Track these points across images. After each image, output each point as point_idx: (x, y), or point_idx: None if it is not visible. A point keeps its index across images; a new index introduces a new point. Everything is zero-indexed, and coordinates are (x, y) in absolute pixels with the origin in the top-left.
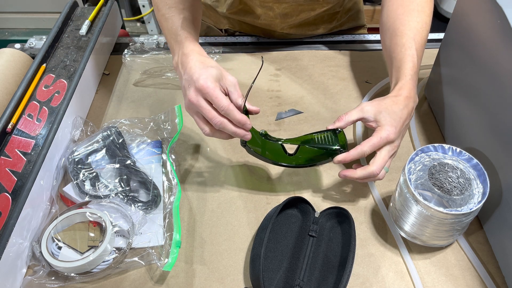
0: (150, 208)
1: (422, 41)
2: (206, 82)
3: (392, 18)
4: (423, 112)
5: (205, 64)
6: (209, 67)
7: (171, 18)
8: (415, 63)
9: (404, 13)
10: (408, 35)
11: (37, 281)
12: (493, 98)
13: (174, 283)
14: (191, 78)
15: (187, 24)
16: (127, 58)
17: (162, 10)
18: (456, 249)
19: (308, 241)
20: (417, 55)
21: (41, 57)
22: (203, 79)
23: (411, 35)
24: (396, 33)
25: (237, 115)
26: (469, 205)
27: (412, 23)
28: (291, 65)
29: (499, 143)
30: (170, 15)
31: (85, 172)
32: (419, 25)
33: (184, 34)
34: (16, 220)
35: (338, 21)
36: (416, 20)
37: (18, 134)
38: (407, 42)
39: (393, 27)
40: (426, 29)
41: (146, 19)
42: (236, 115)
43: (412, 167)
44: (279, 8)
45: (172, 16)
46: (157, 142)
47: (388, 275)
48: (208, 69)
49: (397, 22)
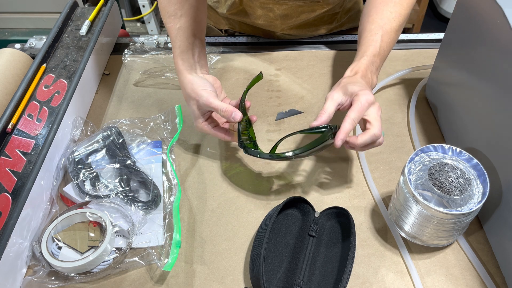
0: (150, 208)
1: (391, 30)
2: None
3: (370, 6)
4: (423, 112)
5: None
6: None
7: (169, 29)
8: (376, 47)
9: (382, 2)
10: (377, 22)
11: (37, 281)
12: (493, 98)
13: (174, 283)
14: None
15: (182, 34)
16: (127, 58)
17: (164, 19)
18: (456, 249)
19: (308, 241)
20: (382, 40)
21: (41, 57)
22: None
23: (380, 23)
24: (368, 20)
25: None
26: (469, 205)
27: (386, 12)
28: (291, 65)
29: (499, 143)
30: (169, 25)
31: (85, 172)
32: (392, 15)
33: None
34: (16, 220)
35: (338, 21)
36: (390, 10)
37: (18, 134)
38: (374, 28)
39: (368, 14)
40: (399, 20)
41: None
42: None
43: (412, 167)
44: (279, 9)
45: (170, 26)
46: (157, 142)
47: (388, 275)
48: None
49: (372, 10)
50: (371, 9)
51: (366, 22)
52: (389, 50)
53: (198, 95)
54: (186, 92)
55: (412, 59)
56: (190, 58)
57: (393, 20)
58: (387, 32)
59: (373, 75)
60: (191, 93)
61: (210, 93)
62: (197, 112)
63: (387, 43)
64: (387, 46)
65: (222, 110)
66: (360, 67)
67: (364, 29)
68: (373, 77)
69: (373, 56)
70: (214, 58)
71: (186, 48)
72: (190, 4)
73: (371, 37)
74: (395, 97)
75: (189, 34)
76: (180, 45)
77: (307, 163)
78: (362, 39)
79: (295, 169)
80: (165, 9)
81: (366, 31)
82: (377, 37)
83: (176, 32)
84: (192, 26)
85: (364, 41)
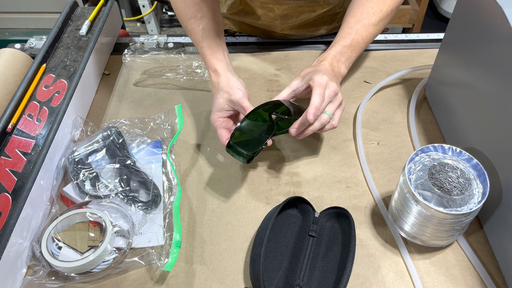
0: (150, 208)
1: (369, 24)
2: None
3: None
4: (423, 112)
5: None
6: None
7: (192, 31)
8: (348, 40)
9: None
10: (357, 16)
11: (37, 281)
12: (493, 98)
13: (174, 283)
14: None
15: (208, 34)
16: (127, 58)
17: (184, 22)
18: (456, 249)
19: (308, 241)
20: (357, 33)
21: (41, 57)
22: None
23: (359, 17)
24: (349, 13)
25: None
26: (469, 205)
27: (367, 8)
28: (291, 65)
29: (499, 143)
30: (192, 27)
31: (85, 172)
32: (372, 10)
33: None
34: (16, 220)
35: (338, 21)
36: (371, 6)
37: (18, 134)
38: (352, 21)
39: (351, 7)
40: (379, 15)
41: (146, 19)
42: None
43: (412, 167)
44: (279, 9)
45: (193, 28)
46: (157, 142)
47: (388, 275)
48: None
49: (355, 5)
50: (353, 4)
51: (347, 15)
52: (364, 43)
53: (233, 91)
54: (220, 86)
55: (412, 59)
56: (223, 58)
57: (373, 15)
58: (364, 26)
59: (340, 64)
60: (226, 87)
61: (244, 93)
62: (222, 105)
63: (363, 36)
64: (362, 39)
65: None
66: (326, 56)
67: (344, 21)
68: (340, 66)
69: (343, 47)
70: None
71: (216, 48)
72: (208, 6)
73: (347, 29)
74: (395, 97)
75: (214, 35)
76: (209, 46)
77: (308, 163)
78: (339, 31)
79: (295, 169)
80: (184, 12)
81: (344, 23)
82: (352, 30)
83: (201, 33)
84: (214, 27)
85: (339, 33)
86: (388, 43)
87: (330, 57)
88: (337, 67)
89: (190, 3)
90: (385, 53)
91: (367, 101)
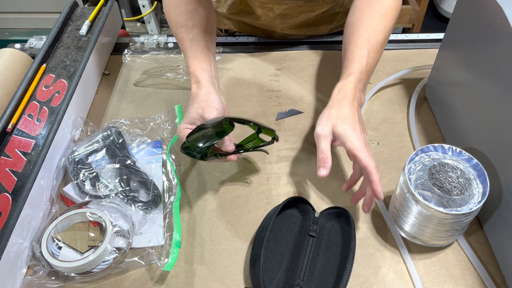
0: (150, 208)
1: (377, 44)
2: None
3: (356, 16)
4: (423, 112)
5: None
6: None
7: (182, 39)
8: (362, 64)
9: (367, 12)
10: (363, 36)
11: (37, 281)
12: (493, 98)
13: (174, 283)
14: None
15: (196, 44)
16: (127, 58)
17: (174, 30)
18: (456, 249)
19: (308, 241)
20: (368, 56)
21: (41, 57)
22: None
23: (366, 36)
24: (354, 32)
25: None
26: (469, 205)
27: (371, 25)
28: (291, 65)
29: (499, 143)
30: (181, 35)
31: (85, 172)
32: (378, 28)
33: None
34: (16, 220)
35: (338, 21)
36: (376, 23)
37: (18, 134)
38: (360, 42)
39: (353, 25)
40: (385, 33)
41: (146, 19)
42: None
43: (412, 167)
44: (279, 9)
45: (182, 37)
46: (157, 142)
47: (388, 275)
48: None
49: (358, 22)
50: (356, 20)
51: (352, 35)
52: (375, 65)
53: (208, 108)
54: (198, 98)
55: (412, 59)
56: (209, 70)
57: (379, 34)
58: (373, 47)
59: (361, 94)
60: (203, 102)
61: (219, 112)
62: (193, 119)
63: (373, 59)
64: (373, 61)
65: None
66: (348, 88)
67: (350, 42)
68: (361, 95)
69: (360, 73)
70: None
71: (203, 60)
72: (201, 15)
73: (357, 52)
74: (395, 97)
75: (203, 45)
76: (196, 56)
77: (308, 163)
78: (348, 53)
79: (296, 169)
80: (175, 20)
81: (351, 45)
82: (363, 52)
83: (189, 42)
84: (205, 38)
85: (350, 56)
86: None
87: (351, 89)
88: (358, 98)
89: (182, 11)
90: (385, 53)
91: (367, 101)
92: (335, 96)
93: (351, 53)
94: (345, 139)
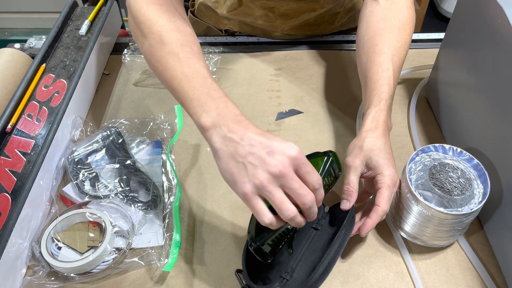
0: (150, 208)
1: (400, 62)
2: (300, 151)
3: (372, 32)
4: (423, 112)
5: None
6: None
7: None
8: (391, 86)
9: (385, 28)
10: (386, 54)
11: (36, 282)
12: (493, 98)
13: (174, 283)
14: (269, 145)
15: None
16: (127, 58)
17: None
18: (457, 250)
19: (310, 234)
20: (393, 76)
21: (41, 57)
22: (297, 149)
23: (389, 54)
24: (375, 50)
25: (322, 191)
26: (470, 205)
27: (392, 41)
28: (291, 65)
29: (499, 143)
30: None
31: (85, 172)
32: (399, 44)
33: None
34: (16, 220)
35: (338, 21)
36: (396, 39)
37: (17, 134)
38: (384, 62)
39: (372, 42)
40: (405, 49)
41: None
42: (322, 192)
43: (413, 167)
44: (279, 10)
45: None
46: (157, 142)
47: (388, 275)
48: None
49: (376, 38)
50: (374, 36)
51: (372, 53)
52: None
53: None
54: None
55: (412, 59)
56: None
57: (400, 50)
58: (397, 65)
59: (390, 120)
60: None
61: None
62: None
63: (397, 79)
64: (396, 81)
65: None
66: (381, 116)
67: (372, 61)
68: (390, 122)
69: (390, 98)
70: (214, 58)
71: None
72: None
73: (383, 73)
74: (395, 97)
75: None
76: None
77: None
78: (373, 73)
79: None
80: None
81: (375, 64)
82: (389, 74)
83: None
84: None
85: (375, 78)
86: None
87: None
88: (390, 126)
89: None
90: None
91: None
92: (369, 124)
93: (376, 74)
94: (381, 171)
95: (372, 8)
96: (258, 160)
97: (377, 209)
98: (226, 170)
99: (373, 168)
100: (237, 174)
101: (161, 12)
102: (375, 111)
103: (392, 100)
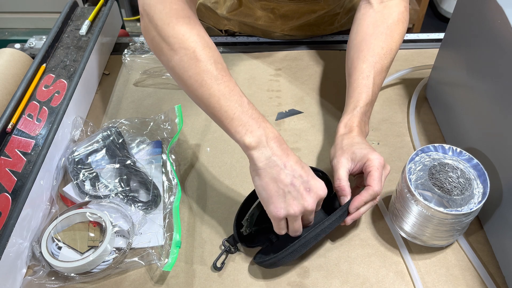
0: (150, 208)
1: (382, 69)
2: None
3: (360, 37)
4: (423, 112)
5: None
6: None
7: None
8: (369, 94)
9: (373, 34)
10: (369, 61)
11: (37, 281)
12: (493, 98)
13: (174, 283)
14: (307, 181)
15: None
16: (127, 58)
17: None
18: (457, 249)
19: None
20: (374, 83)
21: (41, 57)
22: (325, 189)
23: (372, 62)
24: (359, 56)
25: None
26: (470, 205)
27: (377, 48)
28: (291, 65)
29: (499, 143)
30: (221, 74)
31: (85, 172)
32: (383, 51)
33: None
34: (16, 220)
35: (338, 22)
36: (382, 46)
37: (18, 134)
38: (366, 69)
39: (358, 47)
40: (390, 56)
41: None
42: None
43: (412, 167)
44: (280, 11)
45: (223, 76)
46: (157, 142)
47: (388, 275)
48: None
49: (362, 44)
50: (361, 42)
51: (357, 59)
52: (379, 91)
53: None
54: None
55: (412, 59)
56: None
57: (384, 57)
58: (379, 73)
59: (366, 126)
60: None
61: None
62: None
63: (378, 85)
64: (377, 88)
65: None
66: (353, 122)
67: (355, 67)
68: (366, 127)
69: (366, 105)
70: None
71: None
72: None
73: (363, 80)
74: (395, 97)
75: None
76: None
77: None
78: (353, 80)
79: None
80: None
81: (357, 71)
82: (369, 81)
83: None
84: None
85: (355, 84)
86: None
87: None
88: (365, 132)
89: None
90: None
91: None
92: (342, 130)
93: (356, 80)
94: (367, 158)
95: (365, 11)
96: (297, 193)
97: (368, 188)
98: (265, 189)
99: (360, 159)
100: (275, 197)
101: (191, 28)
102: (348, 118)
103: (371, 107)
